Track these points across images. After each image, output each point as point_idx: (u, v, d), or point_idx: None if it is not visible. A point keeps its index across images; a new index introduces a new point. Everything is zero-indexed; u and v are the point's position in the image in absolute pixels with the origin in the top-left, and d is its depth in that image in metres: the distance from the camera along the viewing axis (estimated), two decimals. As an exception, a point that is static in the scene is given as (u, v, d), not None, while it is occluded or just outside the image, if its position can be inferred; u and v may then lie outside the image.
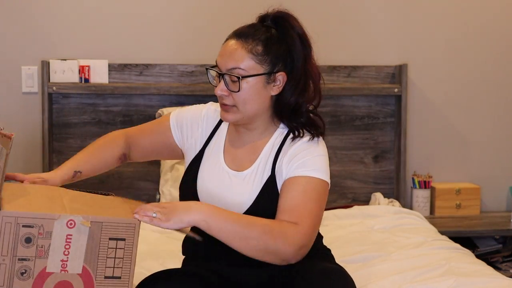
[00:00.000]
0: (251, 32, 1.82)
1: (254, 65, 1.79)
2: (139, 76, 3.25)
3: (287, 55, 1.83)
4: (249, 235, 1.64)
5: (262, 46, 1.80)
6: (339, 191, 3.36)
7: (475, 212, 3.39)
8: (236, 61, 1.78)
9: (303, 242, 1.70)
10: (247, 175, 1.86)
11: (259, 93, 1.81)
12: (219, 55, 1.82)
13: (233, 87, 1.79)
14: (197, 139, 1.96)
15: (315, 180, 1.78)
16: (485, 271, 2.22)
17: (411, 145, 3.42)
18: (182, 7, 3.29)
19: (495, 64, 3.47)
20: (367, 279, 2.15)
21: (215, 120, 1.97)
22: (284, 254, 1.68)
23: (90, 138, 3.23)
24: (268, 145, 1.87)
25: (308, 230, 1.72)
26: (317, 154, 1.83)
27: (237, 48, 1.79)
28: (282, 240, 1.66)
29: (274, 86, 1.83)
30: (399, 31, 3.41)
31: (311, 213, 1.74)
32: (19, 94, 3.23)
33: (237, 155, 1.90)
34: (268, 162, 1.85)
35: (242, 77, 1.77)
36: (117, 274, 1.56)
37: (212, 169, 1.90)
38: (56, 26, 3.24)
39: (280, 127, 1.89)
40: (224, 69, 1.80)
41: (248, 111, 1.82)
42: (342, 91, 3.29)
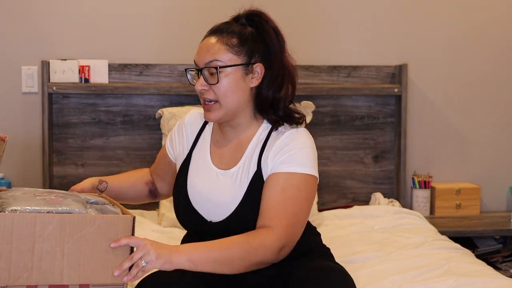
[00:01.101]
0: (225, 27, 1.88)
1: (231, 56, 1.84)
2: (139, 76, 3.25)
3: (263, 48, 1.87)
4: (232, 257, 1.70)
5: (236, 38, 1.85)
6: (339, 191, 3.36)
7: (475, 212, 3.39)
8: (213, 54, 1.83)
9: (282, 244, 1.75)
10: (234, 173, 1.88)
11: (238, 85, 1.84)
12: (196, 54, 1.87)
13: (212, 80, 1.83)
14: (184, 145, 2.01)
15: (296, 176, 1.80)
16: (485, 271, 2.22)
17: (411, 145, 3.42)
18: (182, 7, 3.28)
19: (495, 64, 3.47)
20: (367, 279, 2.15)
21: (198, 124, 2.01)
22: (269, 260, 1.75)
23: (90, 138, 3.23)
24: (253, 141, 1.90)
25: (284, 231, 1.76)
26: (302, 146, 1.83)
27: (213, 43, 1.85)
28: (262, 250, 1.72)
29: (253, 78, 1.86)
30: (399, 31, 3.40)
31: (288, 212, 1.77)
32: (19, 94, 3.23)
33: (224, 154, 1.93)
34: (253, 158, 1.87)
35: (219, 67, 1.81)
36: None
37: (201, 170, 1.93)
38: (56, 26, 3.24)
39: (264, 122, 1.91)
40: (202, 64, 1.84)
41: (230, 105, 1.84)
42: (342, 91, 3.29)
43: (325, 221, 2.99)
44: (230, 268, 1.71)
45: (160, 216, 2.98)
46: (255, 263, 1.73)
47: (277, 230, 1.75)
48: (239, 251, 1.70)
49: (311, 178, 1.82)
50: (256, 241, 1.72)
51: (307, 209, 1.83)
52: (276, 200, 1.78)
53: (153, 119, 3.20)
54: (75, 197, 1.71)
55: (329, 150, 3.35)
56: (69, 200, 1.67)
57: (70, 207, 1.63)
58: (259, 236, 1.74)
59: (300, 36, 3.21)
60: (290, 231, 1.77)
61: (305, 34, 3.30)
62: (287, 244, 1.77)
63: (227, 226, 1.83)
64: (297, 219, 1.79)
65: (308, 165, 1.82)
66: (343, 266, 1.88)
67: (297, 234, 1.80)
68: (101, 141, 3.24)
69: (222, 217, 1.85)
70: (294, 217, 1.78)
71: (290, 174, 1.80)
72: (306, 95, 3.21)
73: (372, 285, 2.10)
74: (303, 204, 1.80)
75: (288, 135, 1.85)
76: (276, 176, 1.81)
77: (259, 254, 1.72)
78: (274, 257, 1.75)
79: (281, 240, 1.75)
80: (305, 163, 1.81)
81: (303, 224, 1.83)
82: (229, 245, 1.71)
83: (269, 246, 1.73)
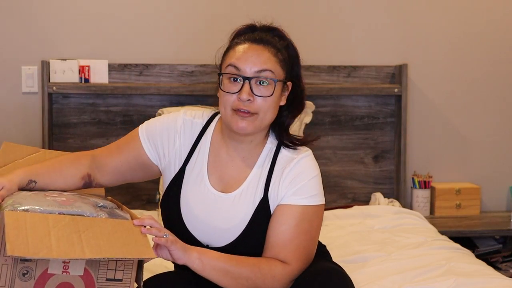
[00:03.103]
0: (267, 38, 1.77)
1: (279, 70, 1.76)
2: (139, 76, 3.25)
3: (292, 65, 1.81)
4: (240, 275, 1.68)
5: (282, 53, 1.77)
6: (339, 191, 3.36)
7: (475, 212, 3.39)
8: (265, 63, 1.72)
9: (293, 278, 1.74)
10: (236, 197, 1.78)
11: (277, 101, 1.77)
12: (237, 59, 1.73)
13: (262, 91, 1.72)
14: (176, 156, 1.83)
15: (309, 209, 1.76)
16: (485, 271, 2.22)
17: (411, 145, 3.42)
18: (182, 7, 3.29)
19: (495, 64, 3.47)
20: (367, 279, 2.15)
21: (193, 133, 1.84)
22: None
23: (90, 138, 3.23)
24: (259, 162, 1.80)
25: (296, 265, 1.74)
26: (312, 176, 1.78)
27: (263, 51, 1.74)
28: (270, 280, 1.70)
29: (283, 95, 1.80)
30: (399, 31, 3.41)
31: (300, 246, 1.75)
32: (19, 94, 3.23)
33: (224, 172, 1.81)
34: (260, 182, 1.78)
35: (278, 80, 1.73)
36: (119, 277, 1.55)
37: (197, 191, 1.80)
38: (56, 26, 3.24)
39: (267, 142, 1.82)
40: (251, 72, 1.72)
41: (266, 120, 1.75)
42: (342, 91, 3.29)
43: (325, 221, 2.98)
44: (234, 284, 1.69)
45: (160, 216, 2.98)
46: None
47: (292, 266, 1.73)
48: (248, 272, 1.69)
49: (319, 207, 1.79)
50: (267, 269, 1.71)
51: (317, 238, 1.82)
52: (291, 236, 1.74)
53: (153, 119, 3.20)
54: (84, 199, 1.70)
55: (329, 150, 3.35)
56: (79, 203, 1.65)
57: (81, 209, 1.61)
58: (272, 266, 1.72)
59: (300, 36, 3.17)
60: (302, 264, 1.75)
61: (305, 34, 3.29)
62: (297, 275, 1.75)
63: (227, 253, 1.74)
64: (309, 250, 1.78)
65: (319, 195, 1.79)
66: (341, 267, 1.87)
67: (308, 264, 1.78)
68: (101, 141, 3.24)
69: (221, 243, 1.77)
70: (306, 250, 1.77)
71: (303, 207, 1.75)
72: (306, 95, 3.20)
73: (372, 285, 2.10)
74: (314, 234, 1.79)
75: (297, 162, 1.78)
76: (289, 210, 1.75)
77: (266, 283, 1.70)
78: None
79: (294, 274, 1.74)
80: (316, 193, 1.78)
81: (314, 250, 1.82)
82: (241, 262, 1.70)
83: (278, 278, 1.71)
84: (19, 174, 1.72)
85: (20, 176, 1.72)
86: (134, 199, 3.22)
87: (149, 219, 1.62)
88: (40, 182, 1.75)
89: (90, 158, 1.85)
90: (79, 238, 1.51)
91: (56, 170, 1.80)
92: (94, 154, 1.87)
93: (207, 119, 1.87)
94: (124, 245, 1.53)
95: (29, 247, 1.44)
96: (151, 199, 3.22)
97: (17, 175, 1.71)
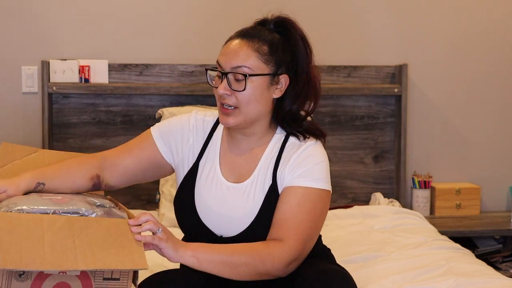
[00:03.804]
0: (255, 32, 1.80)
1: (260, 64, 1.77)
2: (139, 76, 3.25)
3: (291, 58, 1.82)
4: (238, 262, 1.68)
5: (267, 46, 1.78)
6: (339, 191, 3.36)
7: (475, 212, 3.39)
8: (242, 60, 1.76)
9: (291, 258, 1.72)
10: (247, 186, 1.82)
11: (262, 94, 1.79)
12: (221, 54, 1.80)
13: (237, 86, 1.76)
14: (189, 152, 1.89)
15: (313, 191, 1.77)
16: (485, 271, 2.22)
17: (411, 145, 3.42)
18: (182, 7, 3.29)
19: (495, 64, 3.47)
20: (367, 279, 2.15)
21: (205, 130, 1.91)
22: (275, 272, 1.72)
23: (90, 138, 3.23)
24: (267, 152, 1.84)
25: (296, 245, 1.73)
26: (318, 161, 1.80)
27: (242, 47, 1.77)
28: (270, 261, 1.69)
29: (277, 88, 1.81)
30: (399, 31, 3.41)
31: (300, 226, 1.74)
32: (19, 94, 3.23)
33: (235, 164, 1.86)
34: (268, 170, 1.82)
35: (248, 75, 1.75)
36: (116, 276, 1.55)
37: (209, 183, 1.85)
38: (56, 26, 3.24)
39: (276, 132, 1.86)
40: (228, 68, 1.77)
41: (250, 113, 1.78)
42: (342, 91, 3.29)
43: (325, 221, 2.96)
44: (235, 273, 1.69)
45: (160, 216, 2.98)
46: (261, 273, 1.70)
47: (289, 244, 1.72)
48: (246, 258, 1.68)
49: (326, 193, 1.80)
50: (266, 251, 1.70)
51: (320, 224, 1.81)
52: (291, 214, 1.75)
53: (153, 119, 3.20)
54: (81, 198, 1.70)
55: (329, 150, 3.33)
56: (75, 201, 1.64)
57: (76, 206, 1.61)
58: (269, 247, 1.71)
59: (300, 36, 3.20)
60: (302, 246, 1.74)
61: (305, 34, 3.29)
62: (297, 258, 1.74)
63: (240, 242, 1.76)
64: (310, 234, 1.77)
65: (324, 180, 1.79)
66: (345, 268, 1.87)
67: (309, 249, 1.78)
68: (101, 141, 3.24)
69: (234, 232, 1.80)
70: (308, 232, 1.76)
71: (307, 188, 1.77)
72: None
73: (372, 285, 2.10)
74: (317, 219, 1.79)
75: (305, 149, 1.81)
76: (292, 190, 1.77)
77: (266, 265, 1.69)
78: (282, 270, 1.72)
79: (291, 254, 1.72)
80: (321, 177, 1.79)
81: (315, 238, 1.81)
82: (238, 250, 1.70)
83: (277, 258, 1.70)
84: (26, 178, 1.73)
85: (27, 180, 1.73)
86: (134, 199, 3.22)
87: (145, 215, 1.62)
88: (48, 184, 1.76)
89: (99, 159, 1.87)
90: (73, 244, 1.51)
91: (64, 172, 1.81)
92: (104, 155, 1.89)
93: (218, 117, 1.91)
94: (117, 254, 1.52)
95: (21, 257, 1.44)
96: (151, 199, 3.22)
97: (23, 179, 1.73)
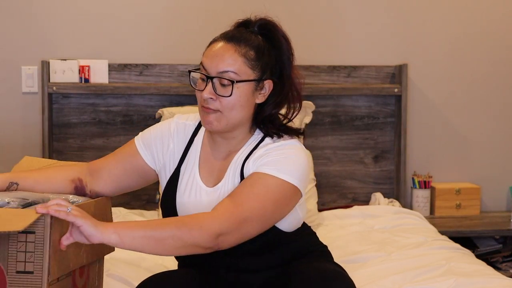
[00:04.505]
0: (241, 36, 1.77)
1: (246, 70, 1.74)
2: (139, 76, 3.25)
3: (275, 63, 1.79)
4: (163, 235, 1.57)
5: (254, 52, 1.75)
6: (339, 191, 3.36)
7: (475, 212, 3.39)
8: (229, 64, 1.73)
9: (221, 230, 1.62)
10: (220, 189, 1.79)
11: (247, 100, 1.76)
12: (206, 57, 1.76)
13: (223, 91, 1.73)
14: (170, 157, 1.87)
15: (271, 179, 1.70)
16: (485, 271, 2.22)
17: (411, 145, 3.42)
18: (182, 7, 3.29)
19: (495, 64, 3.47)
20: (367, 279, 2.15)
21: (186, 134, 1.88)
22: (204, 244, 1.62)
23: (90, 138, 3.23)
24: (239, 152, 1.81)
25: (228, 217, 1.63)
26: (289, 155, 1.74)
27: (228, 51, 1.74)
28: (198, 232, 1.59)
29: (260, 94, 1.79)
30: (399, 31, 3.41)
31: (243, 204, 1.65)
32: (19, 94, 3.23)
33: (214, 168, 1.83)
34: (237, 169, 1.79)
35: (235, 82, 1.72)
36: (29, 269, 1.51)
37: (189, 187, 1.82)
38: (56, 26, 3.24)
39: (254, 134, 1.83)
40: (214, 72, 1.74)
41: (233, 118, 1.76)
42: (342, 91, 3.29)
43: (325, 221, 2.99)
44: (161, 247, 1.58)
45: (160, 216, 2.98)
46: (189, 244, 1.59)
47: (224, 215, 1.63)
48: (172, 230, 1.58)
49: (287, 185, 1.71)
50: (193, 221, 1.61)
51: (271, 212, 1.70)
52: (238, 192, 1.68)
53: (153, 119, 3.20)
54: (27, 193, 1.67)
55: (329, 150, 3.35)
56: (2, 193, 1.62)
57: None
58: (198, 217, 1.63)
59: (300, 36, 3.19)
60: (237, 222, 1.64)
61: (305, 34, 3.30)
62: (229, 232, 1.64)
63: None
64: (252, 216, 1.66)
65: (289, 173, 1.71)
66: (343, 267, 1.87)
67: (248, 230, 1.67)
68: (101, 141, 3.24)
69: None
70: (250, 213, 1.66)
71: (265, 174, 1.70)
72: (306, 95, 3.19)
73: (372, 285, 2.10)
74: (267, 204, 1.68)
75: (278, 145, 1.76)
76: (251, 174, 1.72)
77: (193, 235, 1.59)
78: (210, 242, 1.61)
79: (221, 225, 1.62)
80: (285, 170, 1.71)
81: (261, 224, 1.70)
82: (163, 223, 1.62)
83: (206, 229, 1.60)
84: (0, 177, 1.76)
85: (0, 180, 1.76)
86: (134, 199, 3.22)
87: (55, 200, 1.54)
88: (22, 184, 1.77)
89: (83, 165, 1.90)
90: None
91: (42, 174, 1.83)
92: (89, 163, 1.91)
93: (199, 120, 1.89)
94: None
95: None
96: (151, 199, 3.22)
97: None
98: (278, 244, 1.82)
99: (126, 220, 1.65)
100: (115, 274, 2.13)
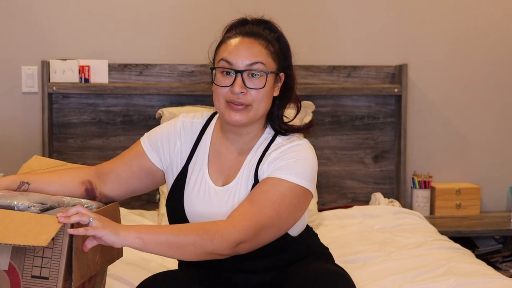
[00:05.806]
0: (257, 31, 1.80)
1: (271, 61, 1.78)
2: (139, 76, 3.25)
3: (284, 56, 1.83)
4: (186, 242, 1.60)
5: (272, 45, 1.79)
6: (339, 191, 3.36)
7: (475, 212, 3.39)
8: (257, 56, 1.75)
9: (241, 238, 1.65)
10: (232, 188, 1.79)
11: (271, 91, 1.79)
12: (230, 53, 1.77)
13: (254, 83, 1.75)
14: (177, 157, 1.87)
15: (286, 184, 1.72)
16: (485, 271, 2.22)
17: (411, 145, 3.42)
18: (182, 8, 3.29)
19: (495, 64, 3.47)
20: (367, 279, 2.15)
21: (194, 133, 1.88)
22: (223, 251, 1.64)
23: (90, 138, 3.23)
24: (252, 152, 1.82)
25: (247, 226, 1.65)
26: (300, 158, 1.76)
27: (253, 44, 1.77)
28: (218, 239, 1.62)
29: (276, 86, 1.82)
30: (399, 31, 3.40)
31: (260, 212, 1.68)
32: (19, 94, 3.23)
33: (224, 166, 1.83)
34: (251, 169, 1.79)
35: (269, 72, 1.75)
36: (45, 275, 1.51)
37: (198, 186, 1.82)
38: (56, 26, 3.24)
39: (264, 133, 1.84)
40: (243, 65, 1.75)
41: (261, 110, 1.78)
42: (342, 91, 3.29)
43: (325, 221, 2.99)
44: (182, 253, 1.62)
45: (160, 216, 2.98)
46: (210, 251, 1.63)
47: (242, 224, 1.65)
48: (194, 237, 1.61)
49: (301, 190, 1.74)
50: (214, 229, 1.63)
51: (286, 218, 1.73)
52: (255, 198, 1.70)
53: (153, 119, 3.20)
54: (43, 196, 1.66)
55: (329, 150, 3.35)
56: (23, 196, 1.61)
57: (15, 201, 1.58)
58: (219, 225, 1.65)
59: (300, 36, 3.21)
60: (255, 231, 1.67)
61: (305, 34, 3.30)
62: (248, 240, 1.66)
63: None
64: (269, 223, 1.69)
65: (302, 176, 1.74)
66: (343, 268, 1.87)
67: (265, 237, 1.70)
68: (101, 141, 3.24)
69: None
70: (266, 220, 1.68)
71: (280, 180, 1.72)
72: (306, 95, 3.21)
73: (372, 285, 2.10)
74: (282, 211, 1.71)
75: (290, 146, 1.78)
76: (266, 179, 1.74)
77: (214, 243, 1.61)
78: (229, 249, 1.65)
79: (241, 233, 1.65)
80: (299, 174, 1.73)
81: (277, 231, 1.73)
82: (185, 229, 1.64)
83: (226, 237, 1.63)
84: (9, 177, 1.76)
85: (10, 179, 1.76)
86: (134, 199, 3.22)
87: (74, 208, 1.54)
88: (34, 184, 1.77)
89: (92, 168, 1.90)
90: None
91: (53, 174, 1.84)
92: (97, 166, 1.91)
93: (207, 118, 1.90)
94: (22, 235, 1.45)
95: None
96: (151, 199, 3.22)
97: (6, 178, 1.76)
98: (284, 247, 1.82)
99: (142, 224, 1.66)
100: (115, 274, 2.13)
